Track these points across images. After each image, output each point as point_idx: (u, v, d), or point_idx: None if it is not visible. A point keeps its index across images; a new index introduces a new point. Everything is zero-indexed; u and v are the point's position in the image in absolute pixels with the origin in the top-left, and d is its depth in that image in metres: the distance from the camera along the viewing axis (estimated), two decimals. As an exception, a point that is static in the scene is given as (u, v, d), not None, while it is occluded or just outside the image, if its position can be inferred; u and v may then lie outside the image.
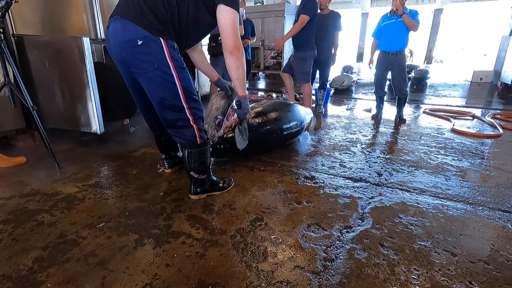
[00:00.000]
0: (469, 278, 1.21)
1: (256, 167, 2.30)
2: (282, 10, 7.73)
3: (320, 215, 1.66)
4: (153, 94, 1.58)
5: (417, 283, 1.18)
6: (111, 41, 1.53)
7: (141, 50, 1.45)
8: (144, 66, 1.49)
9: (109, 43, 1.55)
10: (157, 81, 1.51)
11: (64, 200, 1.80)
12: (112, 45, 1.54)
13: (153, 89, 1.56)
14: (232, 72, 1.60)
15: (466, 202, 1.83)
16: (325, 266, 1.27)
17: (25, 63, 2.64)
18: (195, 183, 1.81)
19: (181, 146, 1.72)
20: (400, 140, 3.10)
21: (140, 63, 1.49)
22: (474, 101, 5.51)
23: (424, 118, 4.20)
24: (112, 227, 1.53)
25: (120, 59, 1.56)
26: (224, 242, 1.41)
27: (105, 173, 2.22)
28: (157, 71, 1.48)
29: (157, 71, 1.48)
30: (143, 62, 1.48)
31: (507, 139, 3.16)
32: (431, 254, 1.35)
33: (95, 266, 1.25)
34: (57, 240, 1.42)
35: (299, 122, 2.80)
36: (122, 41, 1.47)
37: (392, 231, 1.51)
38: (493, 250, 1.39)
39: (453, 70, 10.69)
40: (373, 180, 2.12)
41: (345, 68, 9.26)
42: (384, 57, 3.70)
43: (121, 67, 1.63)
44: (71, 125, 2.73)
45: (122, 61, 1.56)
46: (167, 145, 2.08)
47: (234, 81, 1.66)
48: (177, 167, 2.16)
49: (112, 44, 1.53)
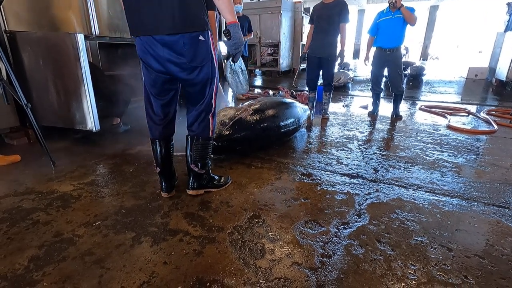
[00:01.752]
0: (465, 273, 1.22)
1: (253, 164, 2.30)
2: (279, 6, 7.70)
3: (317, 211, 1.67)
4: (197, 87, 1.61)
5: (413, 278, 1.19)
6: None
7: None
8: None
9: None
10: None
11: (60, 199, 1.78)
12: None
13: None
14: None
15: (461, 197, 1.84)
16: (322, 262, 1.27)
17: (19, 60, 2.60)
18: (194, 178, 1.80)
19: (191, 137, 1.73)
20: (396, 137, 3.11)
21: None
22: (469, 98, 5.55)
23: (420, 114, 4.22)
24: (109, 225, 1.52)
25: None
26: (221, 239, 1.41)
27: (101, 171, 2.20)
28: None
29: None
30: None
31: (501, 135, 3.19)
32: (427, 249, 1.36)
33: (91, 264, 1.25)
34: (53, 239, 1.41)
35: (296, 119, 2.80)
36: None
37: (388, 227, 1.52)
38: (488, 244, 1.40)
39: (448, 67, 10.75)
40: (369, 176, 2.13)
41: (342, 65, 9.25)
42: (380, 53, 3.70)
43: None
44: (66, 123, 2.70)
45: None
46: (168, 157, 1.81)
47: (218, 3, 1.44)
48: (174, 192, 1.86)
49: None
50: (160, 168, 1.76)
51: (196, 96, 1.64)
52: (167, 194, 1.82)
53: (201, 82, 1.58)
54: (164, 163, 1.77)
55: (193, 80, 1.56)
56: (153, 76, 1.58)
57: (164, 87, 1.62)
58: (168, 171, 1.81)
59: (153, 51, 1.48)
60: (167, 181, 1.80)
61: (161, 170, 1.77)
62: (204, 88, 1.61)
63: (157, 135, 1.72)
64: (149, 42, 1.47)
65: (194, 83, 1.57)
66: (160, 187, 1.82)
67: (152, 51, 1.49)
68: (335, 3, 3.40)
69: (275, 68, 8.37)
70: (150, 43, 1.47)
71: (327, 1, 3.44)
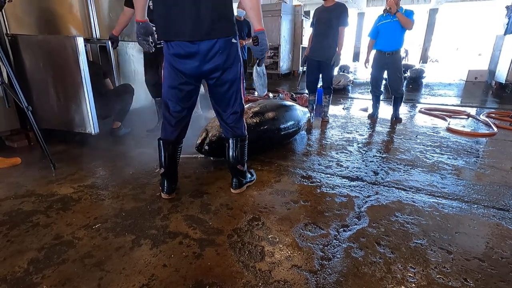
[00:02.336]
0: (465, 276, 1.22)
1: (253, 167, 2.30)
2: (279, 10, 7.74)
3: (317, 214, 1.67)
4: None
5: (413, 281, 1.19)
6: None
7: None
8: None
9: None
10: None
11: (60, 201, 1.79)
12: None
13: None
14: (246, 1, 1.52)
15: (461, 200, 1.84)
16: (322, 265, 1.27)
17: (19, 63, 2.61)
18: (237, 178, 1.88)
19: (234, 139, 1.78)
20: (396, 139, 3.12)
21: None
22: (469, 100, 5.56)
23: (420, 117, 4.23)
24: (109, 228, 1.52)
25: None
26: (221, 242, 1.41)
27: (101, 173, 2.21)
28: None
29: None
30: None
31: (501, 137, 3.19)
32: (427, 252, 1.36)
33: (91, 267, 1.25)
34: (53, 242, 1.41)
35: (296, 122, 2.81)
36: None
37: (388, 230, 1.52)
38: (488, 247, 1.40)
39: (448, 69, 10.77)
40: (369, 179, 2.13)
41: (342, 68, 9.29)
42: (380, 56, 3.72)
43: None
44: (65, 126, 2.71)
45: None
46: (175, 159, 1.83)
47: (248, 11, 1.55)
48: (174, 194, 1.87)
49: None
50: (165, 169, 1.78)
51: (226, 96, 1.69)
52: (168, 196, 1.82)
53: (230, 81, 1.65)
54: (169, 165, 1.78)
55: (223, 80, 1.63)
56: (181, 81, 1.62)
57: (188, 91, 1.68)
58: (172, 172, 1.83)
59: (187, 55, 1.53)
60: (169, 183, 1.82)
61: (166, 172, 1.79)
62: (232, 87, 1.68)
63: (170, 137, 1.75)
64: (183, 46, 1.51)
65: (223, 83, 1.64)
66: (161, 188, 1.83)
67: (185, 56, 1.53)
68: (335, 6, 3.40)
69: (275, 71, 8.39)
70: (185, 47, 1.51)
71: (328, 4, 3.44)
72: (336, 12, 3.36)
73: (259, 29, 1.56)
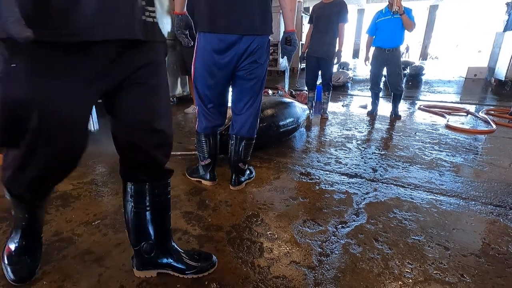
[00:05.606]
0: (461, 271, 1.23)
1: (252, 164, 2.31)
2: (278, 6, 7.66)
3: (315, 210, 1.68)
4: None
5: (410, 277, 1.20)
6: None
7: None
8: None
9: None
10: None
11: (59, 198, 1.79)
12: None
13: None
14: (287, 2, 1.63)
15: (459, 197, 1.85)
16: (320, 261, 1.28)
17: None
18: (237, 175, 1.91)
19: (240, 138, 1.81)
20: (395, 136, 3.12)
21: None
22: (468, 97, 5.56)
23: (419, 114, 4.23)
24: (108, 224, 1.52)
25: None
26: (220, 238, 1.42)
27: (101, 170, 2.21)
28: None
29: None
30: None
31: (500, 134, 3.20)
32: (424, 248, 1.37)
33: (91, 263, 1.25)
34: (52, 238, 1.42)
35: (296, 119, 2.81)
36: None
37: (386, 226, 1.53)
38: (485, 243, 1.41)
39: (448, 66, 10.76)
40: (368, 176, 2.14)
41: (341, 65, 9.27)
42: (379, 53, 3.71)
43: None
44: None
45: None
46: (217, 148, 1.94)
47: (288, 12, 1.66)
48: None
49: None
50: (211, 159, 1.90)
51: (252, 90, 1.72)
52: (213, 183, 1.95)
53: (258, 77, 1.70)
54: (215, 154, 1.91)
55: (253, 74, 1.67)
56: (221, 73, 1.65)
57: (223, 81, 1.71)
58: (215, 160, 1.95)
59: (227, 48, 1.57)
60: (212, 171, 1.96)
61: (211, 161, 1.91)
62: (258, 83, 1.72)
63: (209, 130, 1.83)
64: (226, 39, 1.55)
65: (253, 77, 1.69)
66: (204, 178, 1.95)
67: (225, 49, 1.57)
68: (335, 3, 3.38)
69: (275, 68, 8.37)
70: (227, 40, 1.55)
71: (327, 0, 3.43)
72: (335, 9, 3.35)
73: (291, 29, 1.66)
